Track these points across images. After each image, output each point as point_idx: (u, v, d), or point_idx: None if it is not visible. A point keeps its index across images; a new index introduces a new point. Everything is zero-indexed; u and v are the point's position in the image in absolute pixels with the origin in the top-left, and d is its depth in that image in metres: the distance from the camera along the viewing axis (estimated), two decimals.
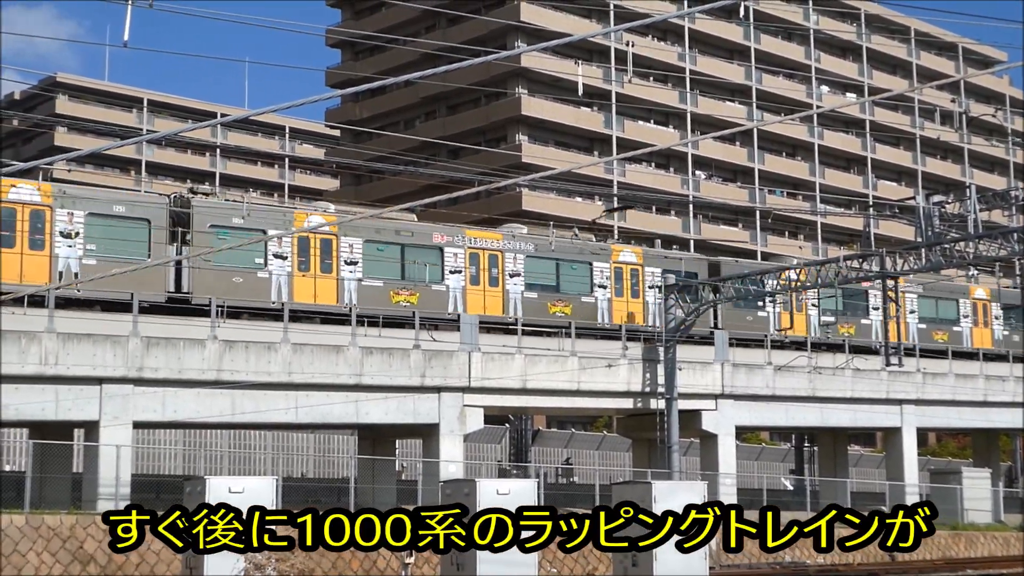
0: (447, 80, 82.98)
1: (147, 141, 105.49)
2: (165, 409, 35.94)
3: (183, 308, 37.83)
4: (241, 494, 26.20)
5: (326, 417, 39.16)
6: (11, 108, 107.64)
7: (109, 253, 36.60)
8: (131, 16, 30.27)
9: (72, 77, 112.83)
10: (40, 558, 29.93)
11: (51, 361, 33.73)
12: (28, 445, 35.22)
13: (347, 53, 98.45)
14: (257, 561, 24.37)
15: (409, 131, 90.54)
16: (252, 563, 24.36)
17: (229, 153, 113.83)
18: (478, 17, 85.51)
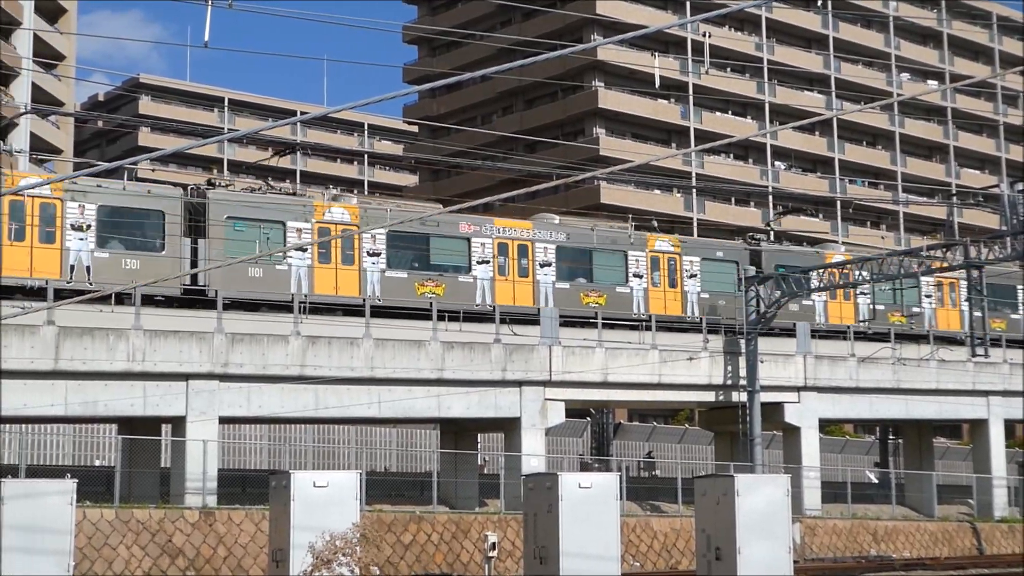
0: (524, 74, 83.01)
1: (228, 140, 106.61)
2: (250, 404, 36.33)
3: (267, 304, 38.19)
4: (325, 488, 26.48)
5: (408, 412, 39.37)
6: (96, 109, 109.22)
7: None
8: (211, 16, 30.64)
9: (155, 78, 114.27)
10: (130, 551, 30.41)
11: (139, 358, 34.23)
12: (117, 441, 35.76)
13: (424, 49, 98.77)
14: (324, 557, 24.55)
15: (486, 126, 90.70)
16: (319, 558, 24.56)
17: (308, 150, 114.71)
18: (554, 11, 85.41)
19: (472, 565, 34.32)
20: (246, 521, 32.31)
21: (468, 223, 42.68)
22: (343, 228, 39.71)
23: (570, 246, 44.34)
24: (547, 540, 27.09)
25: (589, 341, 42.24)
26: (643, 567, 37.04)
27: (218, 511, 32.52)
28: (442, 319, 39.84)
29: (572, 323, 42.98)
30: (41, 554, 25.08)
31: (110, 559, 30.06)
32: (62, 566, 25.25)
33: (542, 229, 44.09)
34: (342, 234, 39.44)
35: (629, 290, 45.34)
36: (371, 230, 39.91)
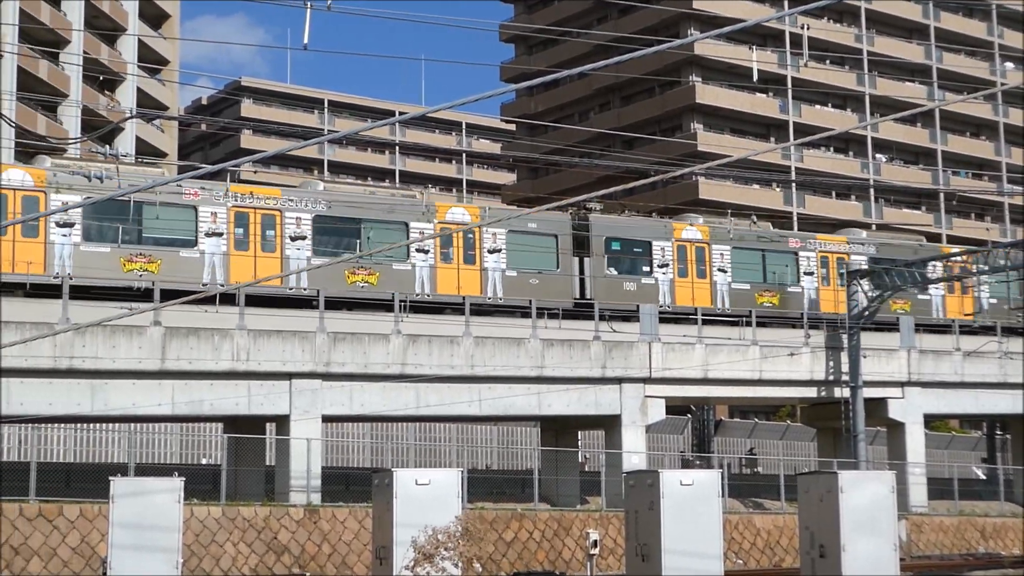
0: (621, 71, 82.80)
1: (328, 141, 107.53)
2: (352, 403, 36.67)
3: (367, 303, 38.52)
4: (427, 486, 26.68)
5: (508, 409, 39.49)
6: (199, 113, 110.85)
7: None
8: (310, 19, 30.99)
9: (256, 81, 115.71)
10: (236, 549, 30.85)
11: (243, 357, 34.72)
12: (223, 439, 36.27)
13: (521, 48, 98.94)
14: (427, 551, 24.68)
15: (584, 123, 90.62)
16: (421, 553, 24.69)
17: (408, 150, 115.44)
18: (650, 7, 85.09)
19: (574, 562, 34.35)
20: (350, 519, 32.64)
21: None
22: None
23: None
24: (649, 537, 27.06)
25: (688, 337, 42.06)
26: (746, 564, 36.82)
27: (322, 508, 32.88)
28: (540, 316, 39.93)
29: (670, 319, 42.93)
30: (150, 551, 25.52)
31: (217, 556, 30.52)
32: (171, 563, 25.68)
33: None
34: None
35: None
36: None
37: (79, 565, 28.75)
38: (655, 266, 43.80)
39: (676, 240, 44.15)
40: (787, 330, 44.85)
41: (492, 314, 40.38)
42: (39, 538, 28.70)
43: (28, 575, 28.23)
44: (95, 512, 29.12)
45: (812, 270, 45.92)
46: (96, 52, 74.71)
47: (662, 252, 43.78)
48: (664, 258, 43.86)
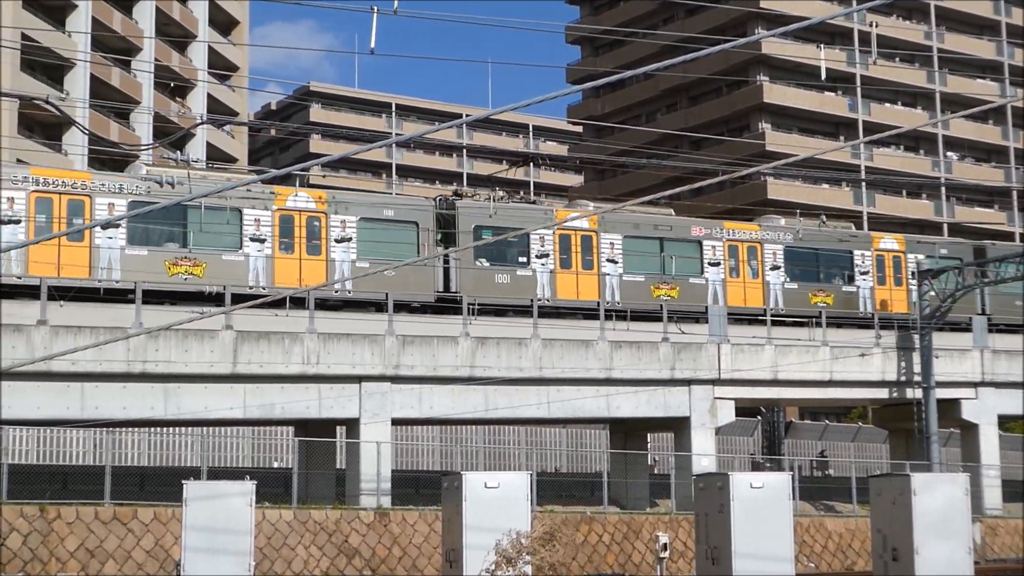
0: (687, 71, 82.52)
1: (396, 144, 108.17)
2: (421, 406, 36.81)
3: (437, 307, 38.66)
4: (497, 489, 26.72)
5: (577, 412, 39.48)
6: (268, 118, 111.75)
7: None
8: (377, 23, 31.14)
9: (324, 86, 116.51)
10: (308, 551, 31.06)
11: (313, 361, 34.95)
12: (294, 442, 36.51)
13: (587, 49, 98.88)
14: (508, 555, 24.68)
15: (651, 124, 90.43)
16: (503, 556, 24.69)
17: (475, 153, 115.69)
18: (717, 6, 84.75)
19: (644, 565, 34.27)
20: (420, 521, 32.76)
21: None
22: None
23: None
24: (719, 540, 26.94)
25: (758, 338, 41.83)
26: (817, 568, 36.55)
27: (392, 512, 33.02)
28: (609, 318, 39.88)
29: (740, 320, 42.73)
30: (223, 554, 25.76)
31: (289, 559, 30.74)
32: (243, 566, 25.90)
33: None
34: None
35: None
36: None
37: (153, 567, 29.07)
38: (533, 257, 40.85)
39: (559, 228, 41.12)
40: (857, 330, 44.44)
41: (561, 316, 40.41)
42: (114, 541, 29.06)
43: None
44: (169, 515, 29.44)
45: (719, 260, 43.62)
46: (167, 59, 75.54)
47: (541, 242, 41.07)
48: (544, 248, 41.08)
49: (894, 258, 46.64)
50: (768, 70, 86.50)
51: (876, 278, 46.12)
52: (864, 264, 46.01)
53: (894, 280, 46.37)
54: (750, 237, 44.21)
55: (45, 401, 32.05)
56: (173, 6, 77.49)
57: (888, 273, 46.42)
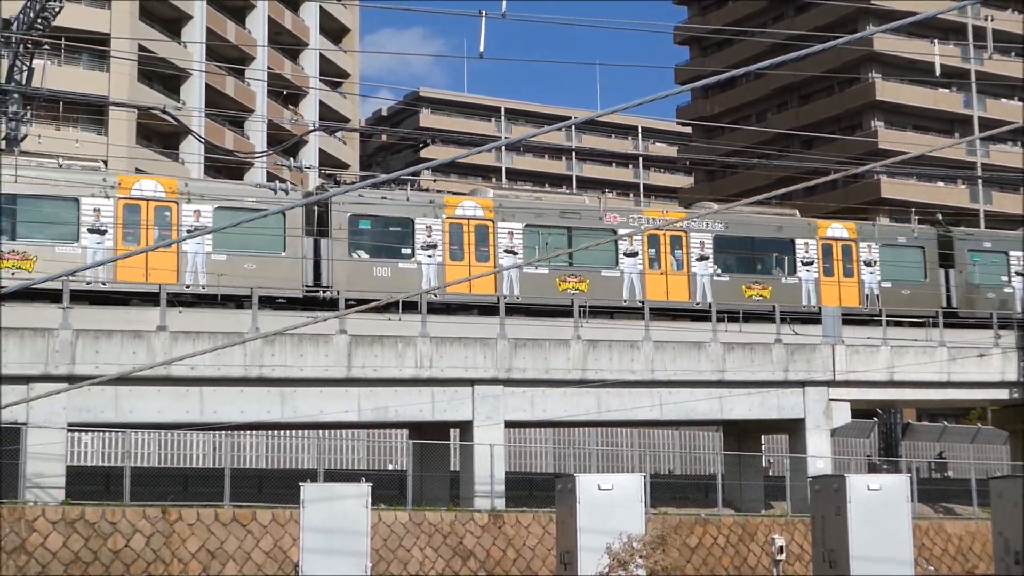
0: (798, 69, 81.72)
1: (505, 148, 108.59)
2: (534, 408, 36.91)
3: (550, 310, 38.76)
4: (610, 491, 26.72)
5: (690, 414, 39.32)
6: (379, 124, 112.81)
7: None
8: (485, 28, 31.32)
9: (434, 91, 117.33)
10: (423, 553, 31.31)
11: (426, 364, 35.22)
12: (408, 445, 36.82)
13: (695, 49, 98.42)
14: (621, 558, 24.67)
15: (761, 123, 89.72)
16: (616, 560, 24.69)
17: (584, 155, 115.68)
18: (827, 3, 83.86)
19: (760, 568, 34.02)
20: (534, 523, 32.85)
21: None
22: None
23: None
24: (836, 543, 26.68)
25: (873, 339, 41.30)
26: (937, 570, 36.00)
27: (506, 514, 33.16)
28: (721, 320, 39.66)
29: (854, 321, 42.18)
30: (340, 555, 26.09)
31: (405, 560, 31.01)
32: (359, 567, 26.20)
33: None
34: None
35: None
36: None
37: (272, 569, 29.51)
38: (418, 248, 38.11)
39: (448, 217, 38.51)
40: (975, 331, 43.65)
41: (676, 318, 40.30)
42: (234, 542, 29.55)
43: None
44: (287, 517, 29.87)
45: (636, 251, 40.72)
46: (279, 67, 76.67)
47: (428, 231, 38.32)
48: (431, 238, 38.30)
49: (843, 247, 43.62)
50: (880, 67, 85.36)
51: (822, 269, 43.16)
52: (808, 254, 43.06)
53: (843, 271, 43.32)
54: (672, 225, 41.24)
55: (166, 405, 32.70)
56: (285, 15, 78.65)
57: (836, 263, 43.43)
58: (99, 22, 62.85)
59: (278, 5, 77.81)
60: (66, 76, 58.67)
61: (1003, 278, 44.16)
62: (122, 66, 62.24)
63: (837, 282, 43.10)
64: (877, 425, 58.93)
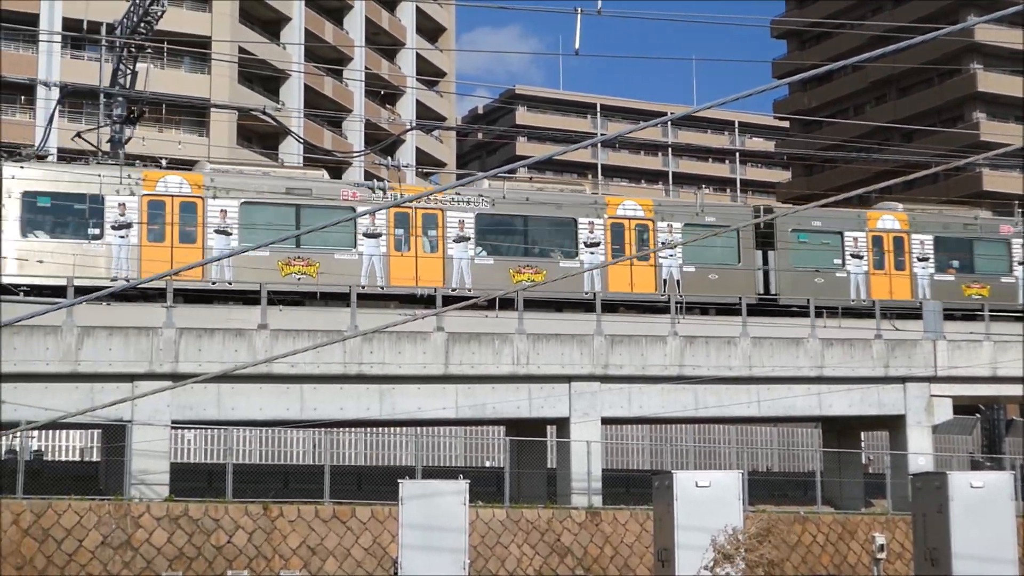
0: (897, 61, 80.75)
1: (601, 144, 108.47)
2: (631, 405, 36.87)
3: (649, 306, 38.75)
4: (708, 488, 26.64)
5: (788, 410, 39.03)
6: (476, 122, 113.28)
7: None
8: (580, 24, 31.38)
9: (529, 89, 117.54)
10: (521, 550, 31.44)
11: (523, 361, 35.34)
12: (505, 442, 36.97)
13: (793, 43, 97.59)
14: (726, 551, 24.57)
15: (859, 117, 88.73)
16: (721, 553, 24.59)
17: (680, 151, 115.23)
18: None
19: (860, 567, 33.72)
20: (631, 521, 32.84)
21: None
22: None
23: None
24: (938, 541, 26.37)
25: (975, 334, 40.70)
26: None
27: (603, 511, 33.18)
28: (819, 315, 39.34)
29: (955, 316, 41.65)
30: (438, 552, 26.28)
31: (502, 557, 31.16)
32: (458, 564, 26.37)
33: None
34: None
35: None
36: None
37: (371, 565, 29.82)
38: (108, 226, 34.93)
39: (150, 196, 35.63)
40: None
41: (773, 314, 40.07)
42: (334, 539, 29.89)
43: (324, 574, 29.45)
44: (385, 513, 30.14)
45: (380, 232, 37.92)
46: (377, 67, 77.28)
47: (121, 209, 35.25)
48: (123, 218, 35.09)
49: (638, 227, 40.05)
50: (981, 58, 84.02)
51: (611, 251, 39.63)
52: (594, 234, 39.91)
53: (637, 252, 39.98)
54: (425, 204, 38.10)
55: (267, 403, 33.16)
56: (382, 15, 79.28)
57: (629, 245, 39.85)
58: (200, 25, 63.87)
59: (375, 5, 78.46)
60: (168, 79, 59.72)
61: (836, 261, 41.83)
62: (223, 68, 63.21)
63: None
64: (980, 421, 58.06)
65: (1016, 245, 43.38)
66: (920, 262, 41.99)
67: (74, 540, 27.78)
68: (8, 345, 30.42)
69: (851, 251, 41.19)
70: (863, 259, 41.00)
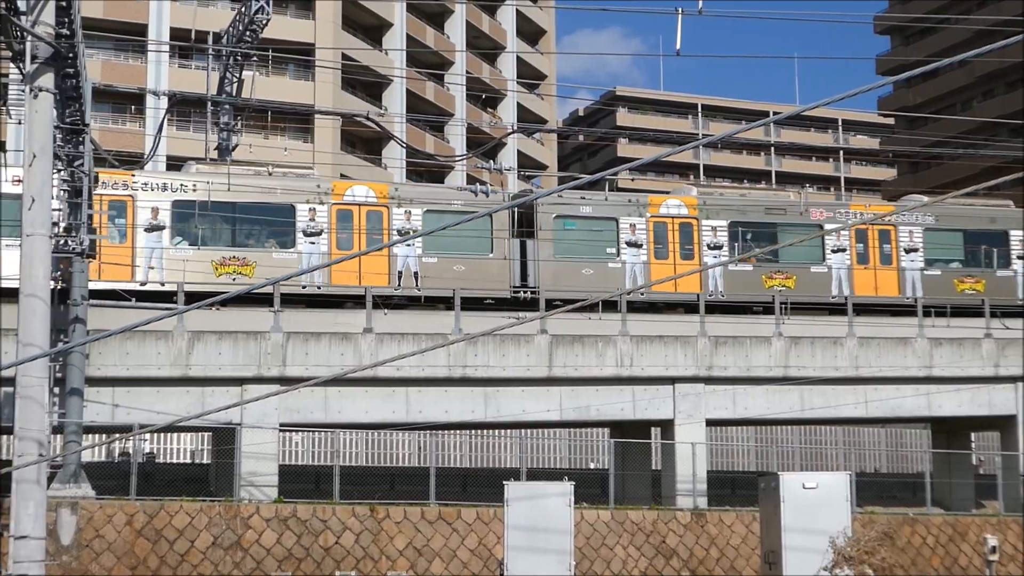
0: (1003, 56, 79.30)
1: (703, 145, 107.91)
2: (735, 406, 36.70)
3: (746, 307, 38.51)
4: (815, 490, 26.45)
5: (896, 411, 38.56)
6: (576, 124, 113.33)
7: None
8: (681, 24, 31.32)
9: (630, 90, 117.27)
10: (626, 552, 31.44)
11: (626, 363, 35.32)
12: (609, 444, 36.99)
13: (897, 38, 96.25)
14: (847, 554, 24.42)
15: (966, 112, 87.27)
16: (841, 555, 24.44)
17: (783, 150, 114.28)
18: None
19: (971, 569, 33.23)
20: (737, 523, 32.68)
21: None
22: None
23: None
24: None
25: None
26: None
27: (709, 513, 33.06)
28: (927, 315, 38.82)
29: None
30: (543, 553, 26.39)
31: (608, 559, 31.18)
32: (564, 565, 26.46)
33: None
34: None
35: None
36: None
37: (477, 566, 29.99)
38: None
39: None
40: None
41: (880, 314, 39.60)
42: (440, 540, 30.11)
43: (431, 575, 29.69)
44: (491, 515, 30.30)
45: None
46: (478, 71, 77.67)
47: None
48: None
49: (369, 214, 36.48)
50: None
51: (328, 238, 36.09)
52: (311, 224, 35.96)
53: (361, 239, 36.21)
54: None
55: (373, 406, 33.50)
56: (483, 19, 79.65)
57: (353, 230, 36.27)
58: (304, 32, 64.67)
59: (476, 9, 78.86)
60: (273, 86, 60.56)
61: (610, 250, 37.92)
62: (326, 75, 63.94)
63: None
64: None
65: None
66: (712, 250, 38.55)
67: (186, 541, 28.30)
68: (121, 350, 31.09)
69: (628, 239, 37.84)
70: (643, 248, 37.66)
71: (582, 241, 37.60)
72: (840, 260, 39.66)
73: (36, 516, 17.77)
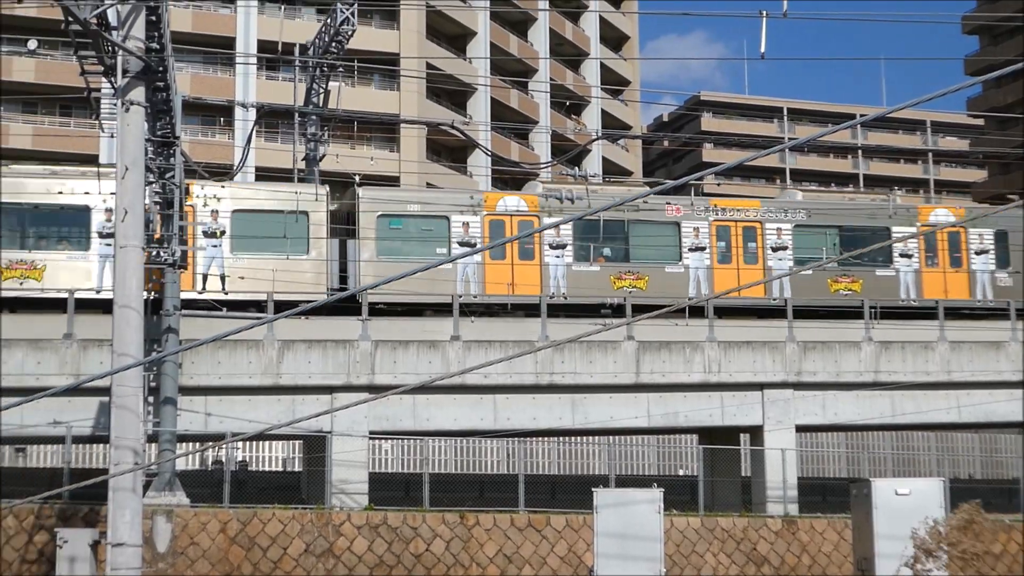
0: None
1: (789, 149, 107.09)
2: (825, 412, 36.39)
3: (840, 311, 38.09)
4: (908, 496, 26.19)
5: (989, 416, 38.02)
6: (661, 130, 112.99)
7: None
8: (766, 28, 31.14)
9: (714, 95, 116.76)
10: (716, 559, 31.29)
11: (714, 369, 35.16)
12: (698, 450, 36.83)
13: (986, 38, 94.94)
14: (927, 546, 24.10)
15: None
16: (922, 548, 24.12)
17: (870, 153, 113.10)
18: None
19: None
20: (828, 530, 32.41)
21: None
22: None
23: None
24: None
25: None
26: None
27: (800, 519, 32.81)
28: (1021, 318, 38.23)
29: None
30: (633, 560, 26.37)
31: (698, 566, 31.06)
32: (654, 571, 26.41)
33: None
34: None
35: None
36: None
37: (567, 573, 30.00)
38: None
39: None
40: None
41: (966, 317, 39.07)
42: (529, 547, 30.17)
43: None
44: (580, 522, 30.31)
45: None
46: (561, 78, 77.74)
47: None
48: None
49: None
50: None
51: None
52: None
53: None
54: None
55: (461, 413, 33.62)
56: (566, 26, 79.74)
57: None
58: (388, 42, 65.13)
59: (559, 17, 78.96)
60: (359, 96, 61.05)
61: (440, 250, 35.73)
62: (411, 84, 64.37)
63: None
64: None
65: (687, 228, 37.90)
66: (554, 249, 36.77)
67: (278, 548, 28.61)
68: (213, 359, 31.49)
69: (460, 239, 35.97)
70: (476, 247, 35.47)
71: (410, 240, 35.94)
72: (699, 259, 37.85)
73: (132, 524, 18.04)
